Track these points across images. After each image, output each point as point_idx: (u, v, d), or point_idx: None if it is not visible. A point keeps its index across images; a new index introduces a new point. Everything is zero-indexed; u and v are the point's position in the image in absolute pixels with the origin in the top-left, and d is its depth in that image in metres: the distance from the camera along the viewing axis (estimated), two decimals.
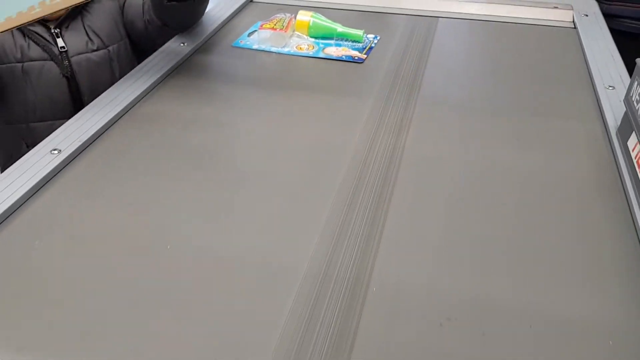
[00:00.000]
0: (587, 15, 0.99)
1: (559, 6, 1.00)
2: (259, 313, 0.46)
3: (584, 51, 0.89)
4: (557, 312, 0.46)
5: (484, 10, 1.02)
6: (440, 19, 0.99)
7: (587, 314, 0.46)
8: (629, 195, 0.58)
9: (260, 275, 0.49)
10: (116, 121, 0.72)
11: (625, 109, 0.66)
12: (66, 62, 0.90)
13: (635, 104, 0.62)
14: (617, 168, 0.63)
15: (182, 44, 0.91)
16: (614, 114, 0.71)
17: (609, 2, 1.14)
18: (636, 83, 0.63)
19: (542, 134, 0.70)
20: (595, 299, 0.48)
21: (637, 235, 0.54)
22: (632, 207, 0.57)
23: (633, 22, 1.15)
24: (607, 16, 1.09)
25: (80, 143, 0.66)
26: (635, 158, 0.61)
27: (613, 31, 0.98)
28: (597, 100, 0.76)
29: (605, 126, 0.71)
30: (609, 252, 0.53)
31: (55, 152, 0.65)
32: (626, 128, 0.65)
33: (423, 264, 0.50)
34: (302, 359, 0.42)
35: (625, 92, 0.67)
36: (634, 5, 1.14)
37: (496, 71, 0.76)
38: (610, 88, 0.78)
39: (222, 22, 0.98)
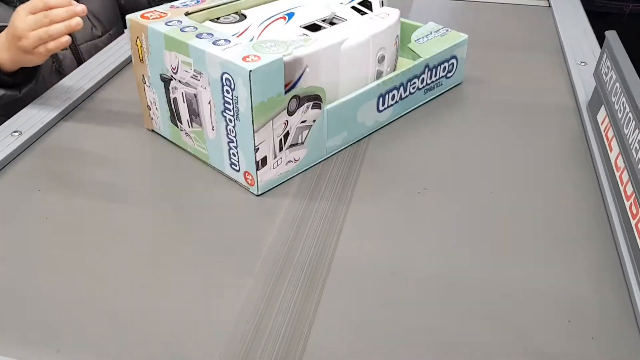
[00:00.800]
0: None
1: None
2: None
3: (558, 29, 0.89)
4: (519, 285, 0.46)
5: None
6: None
7: (549, 288, 0.45)
8: (598, 169, 0.58)
9: None
10: (78, 105, 0.70)
11: (595, 84, 0.65)
12: (79, 51, 0.88)
13: (604, 76, 0.61)
14: (587, 142, 0.63)
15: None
16: (585, 89, 0.71)
17: None
18: (605, 56, 0.62)
19: (515, 110, 0.69)
20: (559, 274, 0.47)
21: (605, 210, 0.53)
22: (601, 181, 0.56)
23: (603, 1, 1.18)
24: None
25: (42, 125, 0.65)
26: (604, 131, 0.60)
27: (588, 12, 0.97)
28: (569, 76, 0.76)
29: (576, 101, 0.70)
30: (576, 227, 0.51)
31: (16, 134, 0.63)
32: (596, 102, 0.64)
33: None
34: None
35: (594, 67, 0.67)
36: None
37: (471, 49, 0.73)
38: (583, 64, 0.77)
39: None
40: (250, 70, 0.48)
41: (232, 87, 0.51)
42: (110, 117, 0.69)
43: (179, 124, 0.60)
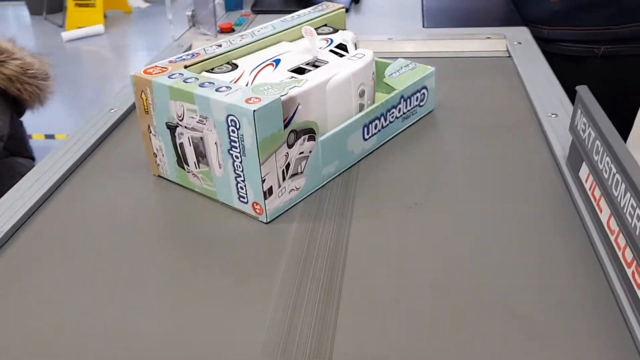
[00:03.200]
0: (520, 43, 1.03)
1: (491, 36, 1.04)
2: None
3: (522, 79, 0.89)
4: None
5: (421, 47, 1.06)
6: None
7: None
8: (589, 229, 0.56)
9: None
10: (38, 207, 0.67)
11: (571, 138, 0.65)
12: None
13: (582, 133, 0.60)
14: (572, 199, 0.62)
15: (111, 110, 0.86)
16: (560, 143, 0.71)
17: (550, 27, 1.17)
18: (579, 111, 0.61)
19: (494, 168, 0.68)
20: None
21: (605, 275, 0.51)
22: (594, 244, 0.55)
23: (574, 45, 1.17)
24: (549, 41, 1.13)
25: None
26: (589, 190, 0.58)
27: (555, 55, 1.00)
28: (541, 128, 0.75)
29: (553, 156, 0.70)
30: (576, 295, 0.50)
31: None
32: (575, 158, 0.63)
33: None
34: None
35: (566, 119, 0.70)
36: (575, 28, 1.17)
37: (439, 106, 0.79)
38: (553, 115, 0.77)
39: None
40: (254, 110, 0.55)
41: (238, 126, 0.57)
42: (118, 168, 0.74)
43: (185, 166, 0.66)
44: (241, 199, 0.62)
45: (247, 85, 0.65)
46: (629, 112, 0.58)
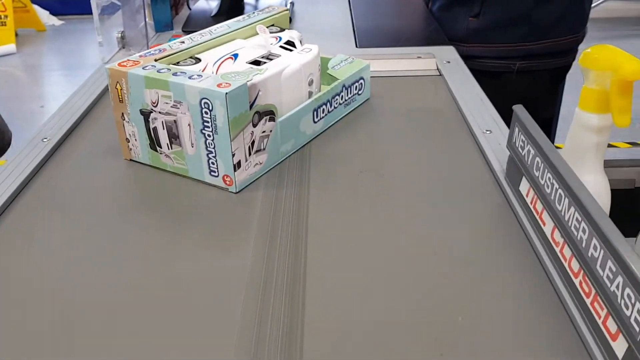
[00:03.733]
0: (449, 62, 1.08)
1: (422, 55, 1.09)
2: None
3: (454, 96, 0.93)
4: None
5: None
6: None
7: None
8: (532, 240, 0.59)
9: None
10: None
11: (509, 153, 0.68)
12: None
13: (521, 150, 0.64)
14: (513, 211, 0.65)
15: (43, 140, 0.83)
16: (497, 158, 0.74)
17: (468, 45, 1.23)
18: (517, 129, 0.65)
19: (436, 186, 0.71)
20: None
21: (552, 284, 0.54)
22: (539, 253, 0.58)
23: (492, 61, 1.24)
24: (468, 58, 1.14)
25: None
26: (531, 203, 0.61)
27: (474, 71, 1.03)
28: (477, 144, 0.79)
29: (491, 170, 0.73)
30: (523, 303, 0.53)
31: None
32: (514, 173, 0.66)
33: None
34: None
35: (500, 134, 0.77)
36: (491, 45, 1.24)
37: (377, 124, 0.85)
38: (488, 132, 0.81)
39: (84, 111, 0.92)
40: (226, 93, 0.64)
41: (211, 108, 0.66)
42: (89, 154, 0.80)
43: (158, 148, 0.74)
44: (212, 173, 0.70)
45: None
46: (539, 125, 0.62)
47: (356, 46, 1.21)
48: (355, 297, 0.54)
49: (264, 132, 0.72)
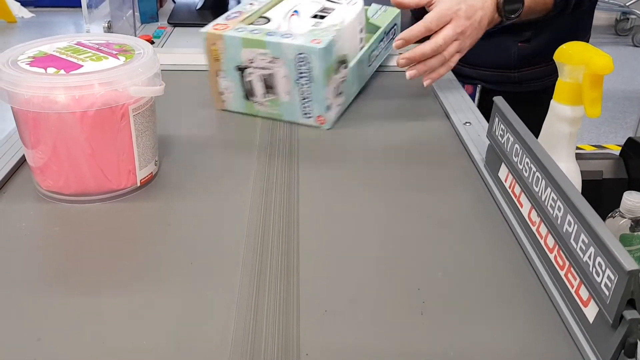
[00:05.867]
0: None
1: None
2: None
3: (436, 93, 0.96)
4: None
5: None
6: None
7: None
8: (510, 221, 0.63)
9: None
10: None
11: (489, 142, 0.72)
12: None
13: (500, 138, 0.68)
14: (492, 195, 0.69)
15: None
16: (477, 148, 0.78)
17: (519, 70, 1.16)
18: (497, 119, 0.69)
19: (420, 173, 0.75)
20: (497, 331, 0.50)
21: (526, 256, 0.58)
22: (516, 233, 0.61)
23: (543, 80, 1.16)
24: (520, 83, 1.14)
25: None
26: (509, 188, 0.65)
27: (524, 93, 1.08)
28: (457, 135, 0.83)
29: (471, 158, 0.77)
30: (504, 280, 0.56)
31: None
32: (494, 160, 0.70)
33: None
34: None
35: (480, 127, 0.82)
36: (543, 66, 1.15)
37: (358, 118, 0.88)
38: (468, 124, 0.85)
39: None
40: (321, 48, 0.76)
41: (308, 61, 0.77)
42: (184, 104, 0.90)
43: (252, 98, 0.85)
44: (306, 115, 0.83)
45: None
46: None
47: None
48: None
49: (342, 77, 0.84)
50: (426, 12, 0.86)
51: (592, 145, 2.86)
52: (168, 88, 0.66)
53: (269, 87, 0.83)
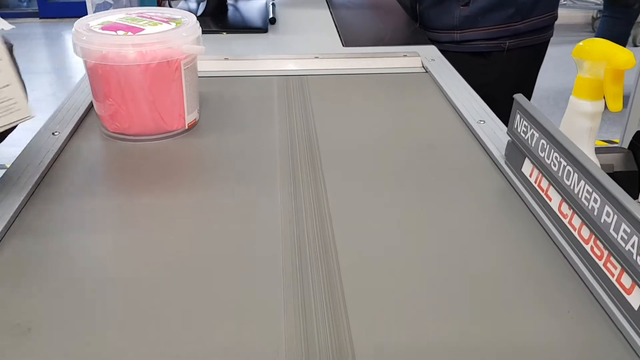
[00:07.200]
0: (434, 60, 1.12)
1: (407, 54, 1.13)
2: None
3: (444, 91, 0.97)
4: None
5: (346, 64, 1.13)
6: (308, 77, 1.08)
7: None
8: (539, 215, 0.64)
9: None
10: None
11: (509, 139, 0.73)
12: None
13: (523, 134, 0.68)
14: (516, 191, 0.70)
15: (53, 133, 0.82)
16: (495, 145, 0.79)
17: (460, 31, 1.38)
18: (518, 116, 0.70)
19: (441, 172, 0.75)
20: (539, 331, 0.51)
21: (558, 248, 0.60)
22: (547, 227, 0.62)
23: (485, 42, 1.38)
24: (461, 42, 1.33)
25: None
26: (535, 182, 0.66)
27: (467, 54, 1.20)
28: (473, 133, 0.84)
29: (490, 156, 0.78)
30: (541, 274, 0.57)
31: None
32: (515, 156, 0.71)
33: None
34: None
35: (493, 124, 0.83)
36: (483, 29, 1.37)
37: (373, 119, 0.87)
38: (482, 122, 0.86)
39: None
40: None
41: None
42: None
43: None
44: None
45: None
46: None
47: (342, 45, 1.25)
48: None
49: None
50: None
51: (603, 141, 2.95)
52: None
53: None
